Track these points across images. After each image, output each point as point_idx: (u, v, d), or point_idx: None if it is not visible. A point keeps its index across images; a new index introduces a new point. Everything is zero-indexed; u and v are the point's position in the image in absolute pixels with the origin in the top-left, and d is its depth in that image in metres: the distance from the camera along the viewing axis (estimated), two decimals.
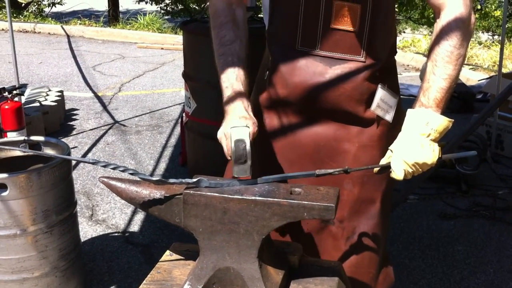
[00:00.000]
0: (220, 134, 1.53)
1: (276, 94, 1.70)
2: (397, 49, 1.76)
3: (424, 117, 1.48)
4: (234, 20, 1.67)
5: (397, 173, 1.47)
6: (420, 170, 1.47)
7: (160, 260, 1.54)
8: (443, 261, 3.27)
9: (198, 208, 1.35)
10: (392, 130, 1.61)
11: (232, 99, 1.56)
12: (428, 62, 1.55)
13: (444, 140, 1.53)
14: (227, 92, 1.58)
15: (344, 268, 1.57)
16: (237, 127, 1.47)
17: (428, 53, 1.57)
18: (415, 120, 1.49)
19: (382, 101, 1.67)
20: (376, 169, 1.53)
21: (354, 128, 1.70)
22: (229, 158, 1.49)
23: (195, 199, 1.34)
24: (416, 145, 1.46)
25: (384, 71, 1.69)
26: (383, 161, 1.52)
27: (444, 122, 1.48)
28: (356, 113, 1.67)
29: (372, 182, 1.73)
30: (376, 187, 1.74)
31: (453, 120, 1.50)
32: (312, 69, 1.64)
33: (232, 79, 1.59)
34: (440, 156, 1.48)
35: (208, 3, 1.75)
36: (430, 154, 1.46)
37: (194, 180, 1.37)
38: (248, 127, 1.48)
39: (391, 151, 1.50)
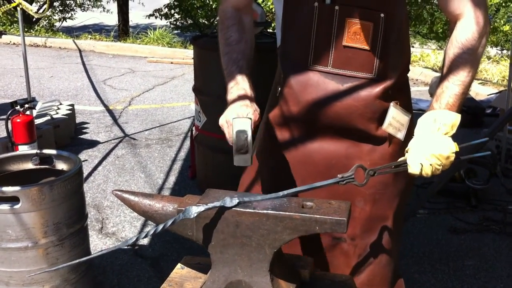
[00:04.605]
0: (222, 121, 1.58)
1: (288, 111, 1.71)
2: None
3: (430, 116, 1.50)
4: (240, 23, 1.72)
5: (413, 167, 1.46)
6: (439, 162, 1.45)
7: (171, 273, 1.55)
8: (453, 275, 3.25)
9: (211, 221, 1.36)
10: (404, 148, 1.61)
11: (235, 89, 1.61)
12: (443, 69, 1.58)
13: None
14: (230, 84, 1.63)
15: (356, 286, 1.57)
16: (239, 118, 1.50)
17: (443, 60, 1.59)
18: (424, 122, 1.51)
19: (394, 119, 1.67)
20: (394, 165, 1.51)
21: (366, 146, 1.70)
22: (230, 144, 1.52)
23: (208, 213, 1.35)
24: (429, 140, 1.46)
25: (396, 89, 1.69)
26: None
27: (450, 115, 1.49)
28: (368, 131, 1.67)
29: (384, 199, 1.72)
30: (388, 205, 1.74)
31: (459, 115, 1.51)
32: (324, 87, 1.65)
33: (235, 72, 1.63)
34: (457, 149, 1.47)
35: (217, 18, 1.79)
36: (445, 145, 1.45)
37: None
38: (250, 118, 1.50)
39: (407, 151, 1.50)
